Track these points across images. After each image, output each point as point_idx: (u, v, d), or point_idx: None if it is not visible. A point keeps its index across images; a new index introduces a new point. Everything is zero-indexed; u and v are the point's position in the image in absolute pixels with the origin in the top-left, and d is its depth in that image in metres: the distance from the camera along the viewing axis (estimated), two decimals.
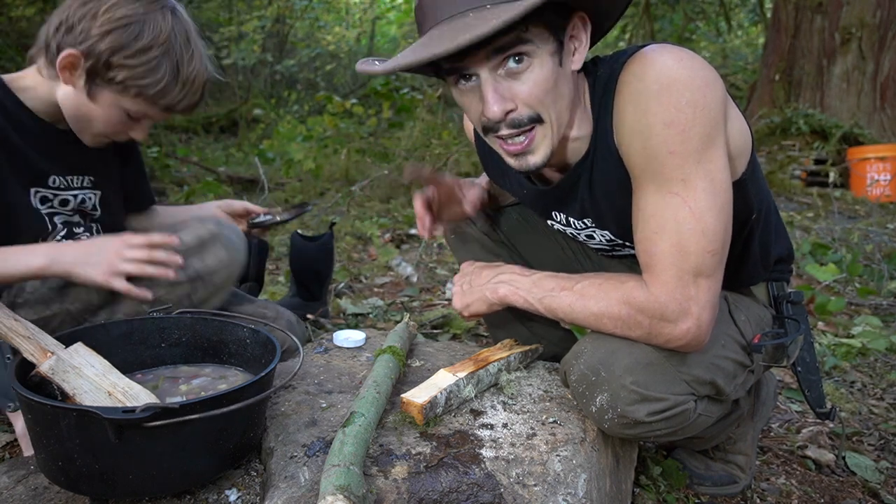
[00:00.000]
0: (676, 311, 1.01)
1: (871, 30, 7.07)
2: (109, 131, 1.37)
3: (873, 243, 3.84)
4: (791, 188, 6.50)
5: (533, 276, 1.18)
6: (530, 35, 0.99)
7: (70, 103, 1.33)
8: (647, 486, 1.42)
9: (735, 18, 13.18)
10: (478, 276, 1.26)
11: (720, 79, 1.02)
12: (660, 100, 0.98)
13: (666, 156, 0.99)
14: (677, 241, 1.00)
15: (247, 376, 1.18)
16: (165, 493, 0.96)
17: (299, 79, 11.02)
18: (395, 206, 5.18)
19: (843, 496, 1.48)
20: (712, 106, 0.99)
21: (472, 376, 1.19)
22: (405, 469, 0.98)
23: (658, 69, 1.00)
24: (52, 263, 1.23)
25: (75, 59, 1.27)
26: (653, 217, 1.02)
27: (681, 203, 0.99)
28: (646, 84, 1.00)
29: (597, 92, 1.11)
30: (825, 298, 2.75)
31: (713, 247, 1.00)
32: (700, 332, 1.02)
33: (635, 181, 1.06)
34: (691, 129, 0.97)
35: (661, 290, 1.01)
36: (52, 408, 0.88)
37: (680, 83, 0.98)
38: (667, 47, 1.03)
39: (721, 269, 1.04)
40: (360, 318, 2.57)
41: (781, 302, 1.31)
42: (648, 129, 0.99)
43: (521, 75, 1.01)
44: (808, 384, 1.31)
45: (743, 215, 1.15)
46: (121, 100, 1.31)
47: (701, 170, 0.99)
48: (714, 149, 1.00)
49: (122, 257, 1.27)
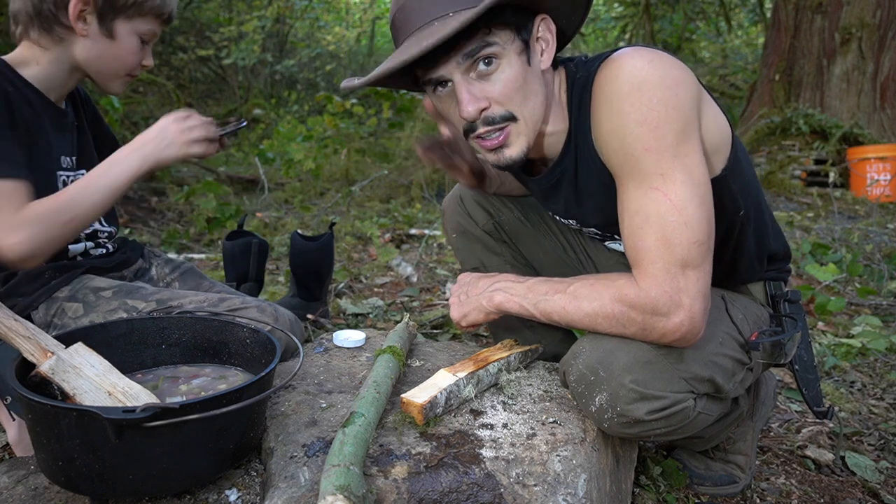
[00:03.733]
0: (668, 303, 1.02)
1: (871, 30, 7.08)
2: (133, 64, 1.44)
3: (873, 243, 3.84)
4: (791, 188, 6.51)
5: (527, 282, 1.19)
6: (495, 38, 1.04)
7: (93, 53, 1.38)
8: (647, 486, 1.42)
9: (735, 18, 13.19)
10: (474, 287, 1.28)
11: (693, 77, 1.07)
12: (631, 100, 1.02)
13: (642, 153, 1.02)
14: (662, 234, 1.02)
15: (247, 376, 1.18)
16: (165, 493, 0.96)
17: (299, 79, 11.03)
18: (395, 206, 5.18)
19: (843, 496, 1.48)
20: (684, 102, 1.02)
21: (472, 376, 1.19)
22: (405, 469, 0.98)
23: (628, 71, 1.04)
24: (143, 162, 1.32)
25: (84, 5, 1.32)
26: (636, 213, 1.04)
27: (661, 197, 1.02)
28: (617, 86, 1.04)
29: (574, 93, 1.15)
30: (825, 298, 2.75)
31: (698, 237, 1.02)
32: (694, 323, 1.03)
33: (617, 180, 1.09)
34: (664, 125, 1.01)
35: (651, 284, 1.03)
36: (53, 408, 0.88)
37: (650, 83, 1.01)
38: (639, 50, 1.07)
39: (709, 261, 1.05)
40: (360, 318, 2.57)
41: (779, 301, 1.32)
42: (623, 129, 1.03)
43: (491, 76, 1.07)
44: (805, 382, 1.32)
45: (730, 212, 1.17)
46: (135, 25, 1.39)
47: (678, 163, 1.02)
48: (689, 143, 1.03)
49: (185, 128, 1.35)
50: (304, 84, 10.97)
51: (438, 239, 4.04)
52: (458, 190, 1.59)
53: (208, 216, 3.96)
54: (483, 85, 1.07)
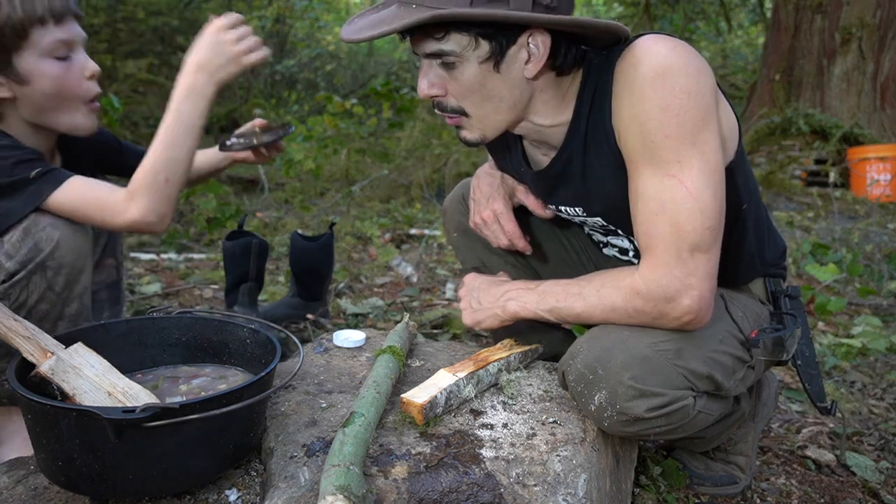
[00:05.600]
0: (678, 288, 1.05)
1: (871, 30, 7.08)
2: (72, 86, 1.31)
3: (873, 243, 3.84)
4: (791, 188, 6.51)
5: (538, 289, 1.22)
6: (449, 44, 1.06)
7: (35, 106, 1.30)
8: (647, 486, 1.42)
9: (735, 18, 13.18)
10: (486, 294, 1.30)
11: (710, 68, 1.08)
12: (655, 86, 1.03)
13: (662, 139, 1.03)
14: (675, 221, 1.04)
15: (247, 376, 1.18)
16: (165, 494, 0.96)
17: (299, 79, 11.02)
18: (395, 206, 5.18)
19: (843, 496, 1.48)
20: (705, 91, 1.04)
21: (472, 376, 1.19)
22: (405, 469, 0.98)
23: (652, 57, 1.04)
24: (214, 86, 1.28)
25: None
26: (652, 199, 1.06)
27: (677, 184, 1.03)
28: (641, 71, 1.04)
29: (591, 79, 1.15)
30: (825, 298, 2.75)
31: (710, 223, 1.04)
32: (703, 302, 1.06)
33: (632, 165, 1.09)
34: (686, 112, 1.02)
35: (662, 271, 1.05)
36: (52, 408, 0.88)
37: (673, 70, 1.03)
38: (661, 37, 1.08)
39: (718, 244, 1.07)
40: (360, 318, 2.57)
41: (779, 297, 1.33)
42: (645, 114, 1.04)
43: (449, 72, 1.10)
44: (808, 378, 1.33)
45: (734, 205, 1.18)
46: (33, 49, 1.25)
47: (696, 151, 1.03)
48: (707, 132, 1.04)
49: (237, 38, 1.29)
50: (304, 84, 10.96)
51: (438, 239, 4.04)
52: (459, 189, 1.60)
53: (208, 216, 3.95)
54: (443, 75, 1.11)
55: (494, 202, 1.40)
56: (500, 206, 1.39)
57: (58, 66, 1.28)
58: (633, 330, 1.10)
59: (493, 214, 1.39)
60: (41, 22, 1.25)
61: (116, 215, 1.25)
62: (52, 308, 1.26)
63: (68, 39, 1.29)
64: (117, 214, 1.25)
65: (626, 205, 1.13)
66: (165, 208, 1.27)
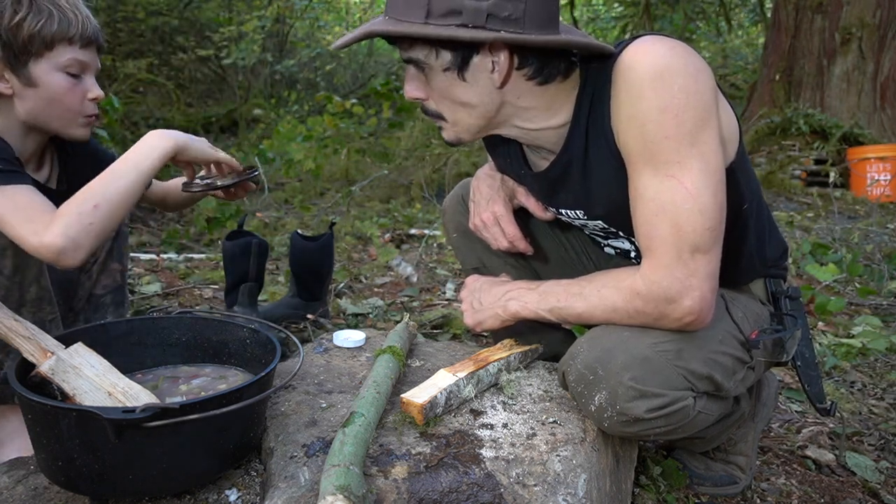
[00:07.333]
0: (679, 289, 1.05)
1: (871, 30, 7.07)
2: (73, 102, 1.35)
3: (873, 243, 3.84)
4: (791, 188, 6.50)
5: (539, 289, 1.22)
6: (415, 53, 1.10)
7: (28, 107, 1.33)
8: (647, 486, 1.42)
9: (735, 18, 13.18)
10: (487, 294, 1.31)
11: (710, 69, 1.08)
12: (654, 86, 1.03)
13: (661, 140, 1.03)
14: (676, 222, 1.04)
15: (247, 376, 1.18)
16: (165, 493, 0.96)
17: (299, 79, 11.02)
18: (395, 206, 5.18)
19: (843, 496, 1.48)
20: (704, 92, 1.04)
21: (472, 376, 1.19)
22: (405, 469, 0.98)
23: (651, 58, 1.04)
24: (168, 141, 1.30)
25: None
26: (652, 201, 1.06)
27: (677, 185, 1.03)
28: (640, 72, 1.04)
29: (589, 81, 1.15)
30: (825, 298, 2.75)
31: (710, 224, 1.04)
32: (704, 303, 1.06)
33: (632, 166, 1.09)
34: (685, 113, 1.02)
35: (663, 273, 1.05)
36: (52, 408, 0.88)
37: (672, 70, 1.02)
38: (660, 37, 1.07)
39: (719, 245, 1.07)
40: (360, 318, 2.57)
41: (779, 298, 1.33)
42: (644, 115, 1.04)
43: (426, 77, 1.14)
44: (807, 379, 1.32)
45: (735, 205, 1.17)
46: (51, 61, 1.31)
47: (695, 151, 1.03)
48: (707, 132, 1.04)
49: None
50: (304, 84, 10.95)
51: (438, 239, 4.04)
52: (459, 189, 1.60)
53: (208, 216, 3.95)
54: (423, 79, 1.14)
55: (494, 204, 1.40)
56: (501, 208, 1.39)
57: (67, 81, 1.34)
58: (633, 330, 1.10)
59: (494, 217, 1.39)
60: (69, 41, 1.32)
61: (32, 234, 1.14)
62: (8, 294, 1.25)
63: (85, 62, 1.36)
64: (33, 234, 1.14)
65: (627, 206, 1.13)
66: (84, 239, 1.16)
